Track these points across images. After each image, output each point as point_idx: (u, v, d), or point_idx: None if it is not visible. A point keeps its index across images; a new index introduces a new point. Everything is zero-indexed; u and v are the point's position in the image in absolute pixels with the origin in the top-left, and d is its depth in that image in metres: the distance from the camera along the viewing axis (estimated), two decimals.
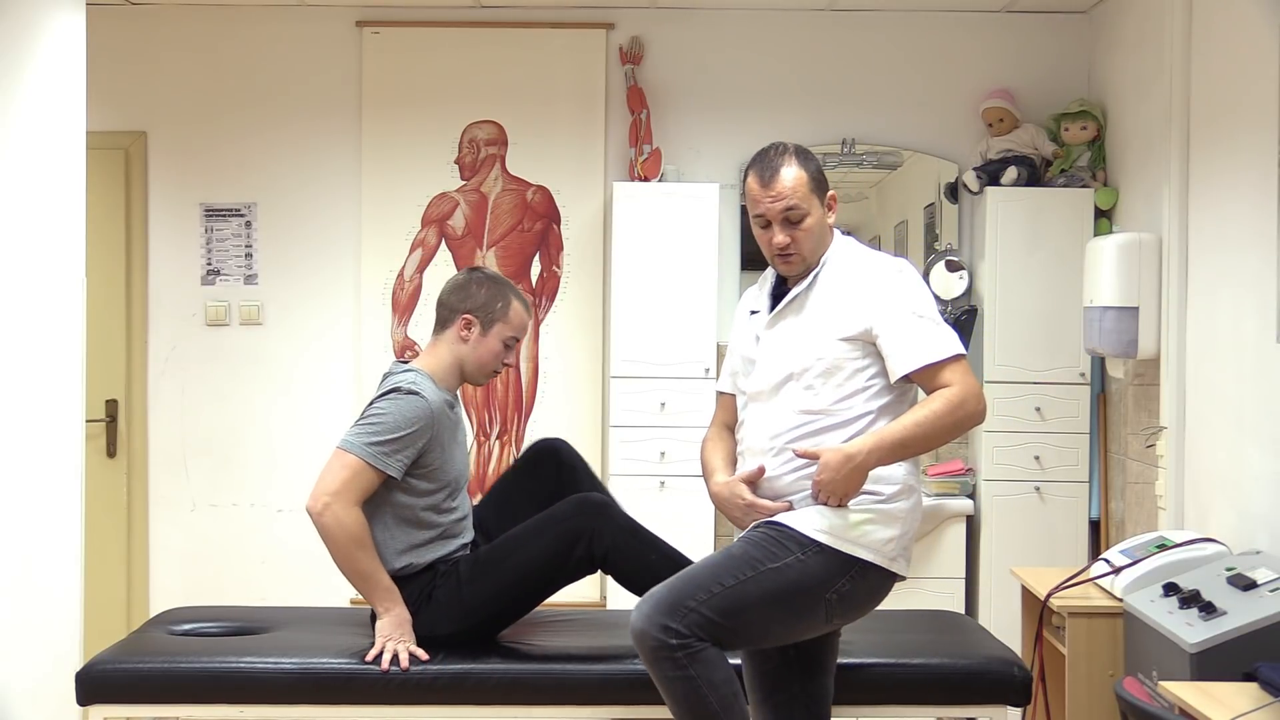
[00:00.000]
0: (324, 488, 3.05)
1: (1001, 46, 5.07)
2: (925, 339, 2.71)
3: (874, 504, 2.73)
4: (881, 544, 2.74)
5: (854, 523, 2.71)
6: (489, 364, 3.29)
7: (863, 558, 2.72)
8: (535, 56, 5.09)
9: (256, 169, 5.15)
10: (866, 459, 2.67)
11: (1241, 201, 3.61)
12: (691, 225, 4.80)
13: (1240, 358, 3.60)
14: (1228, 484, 3.67)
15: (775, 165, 2.78)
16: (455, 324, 3.26)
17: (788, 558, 2.70)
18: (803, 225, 2.77)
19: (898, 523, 2.76)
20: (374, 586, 3.11)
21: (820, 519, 2.71)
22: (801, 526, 2.72)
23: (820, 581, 2.71)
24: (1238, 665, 2.79)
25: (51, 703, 3.56)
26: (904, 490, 2.77)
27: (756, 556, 2.71)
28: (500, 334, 3.27)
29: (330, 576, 5.10)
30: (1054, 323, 4.73)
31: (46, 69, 3.67)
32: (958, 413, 2.68)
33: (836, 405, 2.74)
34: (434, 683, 3.01)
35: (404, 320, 5.14)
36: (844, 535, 2.71)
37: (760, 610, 2.69)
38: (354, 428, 3.12)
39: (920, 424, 2.68)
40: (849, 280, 2.79)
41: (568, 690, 3.02)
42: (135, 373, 5.16)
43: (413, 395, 3.11)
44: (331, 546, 3.08)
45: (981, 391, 2.74)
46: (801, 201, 2.76)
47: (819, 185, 2.81)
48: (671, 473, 4.81)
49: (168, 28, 5.13)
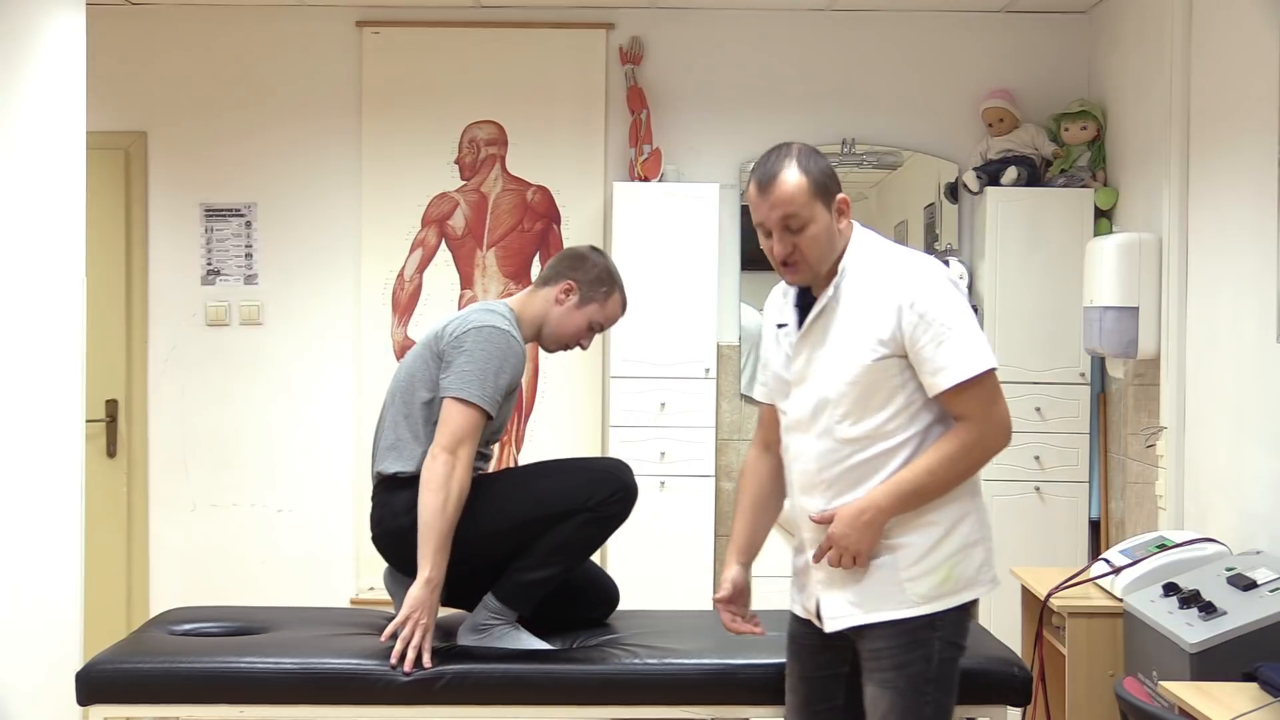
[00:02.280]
0: (454, 442, 2.99)
1: (1001, 46, 5.07)
2: (951, 356, 2.50)
3: (934, 546, 2.58)
4: (970, 579, 2.61)
5: (942, 578, 2.57)
6: (568, 336, 3.26)
7: (961, 604, 2.60)
8: (535, 56, 5.09)
9: (256, 169, 5.15)
10: (878, 515, 2.53)
11: (1241, 201, 3.61)
12: (691, 225, 4.80)
13: (1240, 358, 3.61)
14: (1228, 484, 3.67)
15: (774, 170, 2.60)
16: (558, 284, 3.23)
17: (930, 664, 2.56)
18: (805, 234, 2.56)
19: (975, 551, 2.62)
20: (437, 545, 2.97)
21: (914, 587, 2.57)
22: (876, 614, 2.57)
23: (961, 646, 2.62)
24: (1238, 665, 2.79)
25: (51, 703, 3.56)
26: (957, 520, 2.60)
27: (904, 688, 2.56)
28: (591, 314, 3.24)
29: (330, 577, 5.17)
30: (1054, 323, 4.74)
31: (46, 69, 3.67)
32: (974, 453, 2.53)
33: (879, 430, 2.56)
34: (434, 683, 3.00)
35: (404, 320, 5.14)
36: (937, 592, 2.58)
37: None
38: (461, 374, 3.03)
39: (934, 471, 2.52)
40: (873, 292, 2.57)
41: (568, 690, 3.02)
42: (135, 373, 5.16)
43: (512, 338, 3.09)
44: (434, 494, 2.97)
45: (1003, 417, 2.55)
46: (801, 209, 2.56)
47: (823, 190, 2.59)
48: (671, 473, 4.81)
49: (168, 28, 5.13)
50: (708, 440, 4.85)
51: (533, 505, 3.10)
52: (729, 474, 5.09)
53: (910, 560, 2.56)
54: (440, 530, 2.96)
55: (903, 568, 2.56)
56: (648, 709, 3.05)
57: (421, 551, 2.97)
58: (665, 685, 3.02)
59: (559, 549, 3.09)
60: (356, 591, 5.10)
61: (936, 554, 2.57)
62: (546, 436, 5.14)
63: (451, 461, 2.97)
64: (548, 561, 3.09)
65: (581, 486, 3.12)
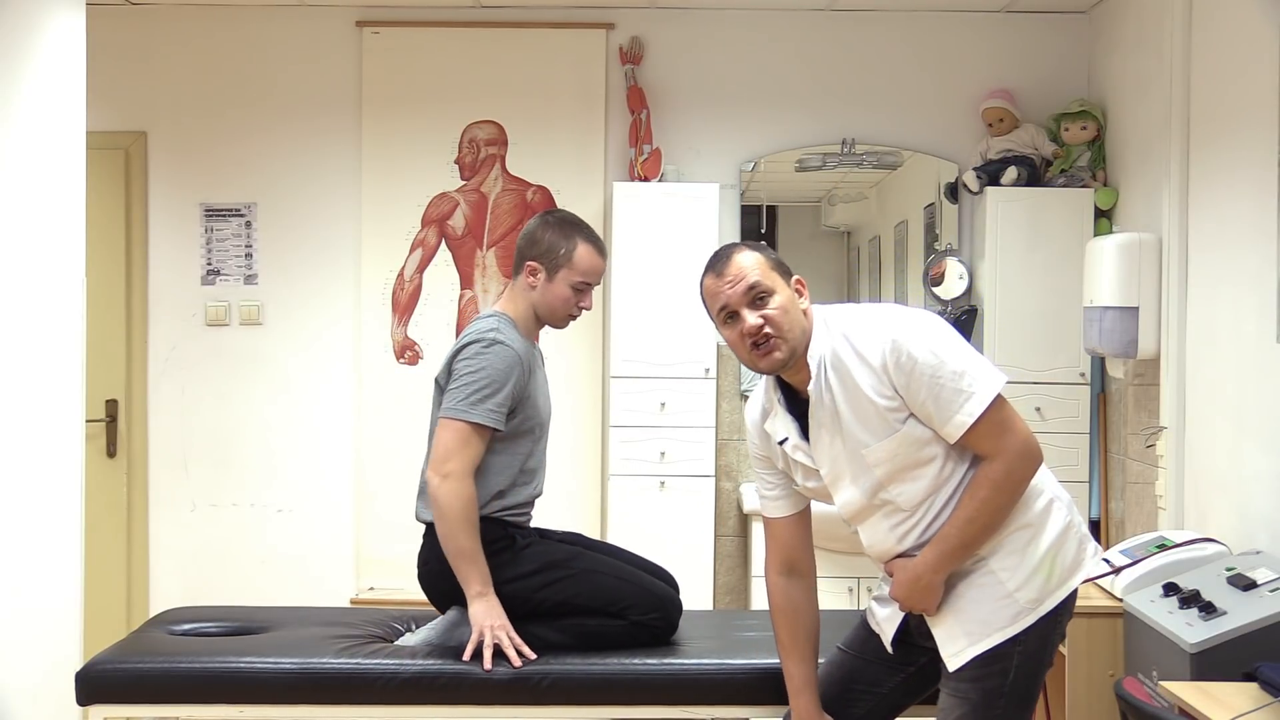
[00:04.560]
0: (439, 461, 3.00)
1: (1001, 46, 5.07)
2: (951, 404, 2.46)
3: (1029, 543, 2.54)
4: (1073, 563, 2.56)
5: (1043, 577, 2.52)
6: (560, 310, 3.21)
7: (1071, 591, 2.56)
8: (535, 56, 5.09)
9: (256, 169, 5.15)
10: (933, 578, 2.51)
11: (1241, 201, 3.61)
12: (691, 225, 4.80)
13: (1240, 358, 3.61)
14: (1228, 484, 3.67)
15: (727, 254, 2.60)
16: (523, 271, 3.20)
17: (1006, 679, 2.52)
18: (771, 303, 2.53)
19: (1070, 535, 2.56)
20: (473, 566, 3.01)
21: (1024, 594, 2.52)
22: (994, 636, 2.51)
23: (1043, 658, 2.57)
24: (1238, 665, 2.79)
25: (51, 703, 3.56)
26: (1042, 514, 2.56)
27: (977, 701, 2.53)
28: (566, 279, 3.18)
29: (330, 577, 5.17)
30: (1054, 323, 4.74)
31: (46, 69, 3.67)
32: (1006, 486, 2.47)
33: (937, 480, 2.52)
34: (434, 683, 3.00)
35: (404, 320, 5.14)
36: (1046, 591, 2.53)
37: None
38: (450, 392, 3.05)
39: (973, 519, 2.47)
40: (857, 364, 2.51)
41: (568, 690, 3.02)
42: (135, 373, 5.16)
43: (496, 344, 3.06)
44: (441, 521, 3.01)
45: (1024, 440, 2.48)
46: (763, 279, 2.54)
47: (779, 265, 2.59)
48: (671, 473, 4.81)
49: (168, 28, 5.13)
50: (708, 440, 4.85)
51: (586, 597, 3.13)
52: (729, 474, 5.09)
53: (1012, 572, 2.52)
54: (455, 549, 3.01)
55: (1008, 582, 2.53)
56: (648, 709, 3.05)
57: (458, 575, 3.03)
58: (665, 685, 3.02)
59: (576, 630, 3.12)
60: (356, 591, 5.10)
61: (1034, 554, 2.53)
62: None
63: (438, 481, 3.00)
64: (562, 630, 3.12)
65: (628, 595, 3.13)
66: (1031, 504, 2.54)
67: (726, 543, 5.08)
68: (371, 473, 5.09)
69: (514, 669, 3.00)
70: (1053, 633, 2.57)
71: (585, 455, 5.11)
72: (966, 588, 2.54)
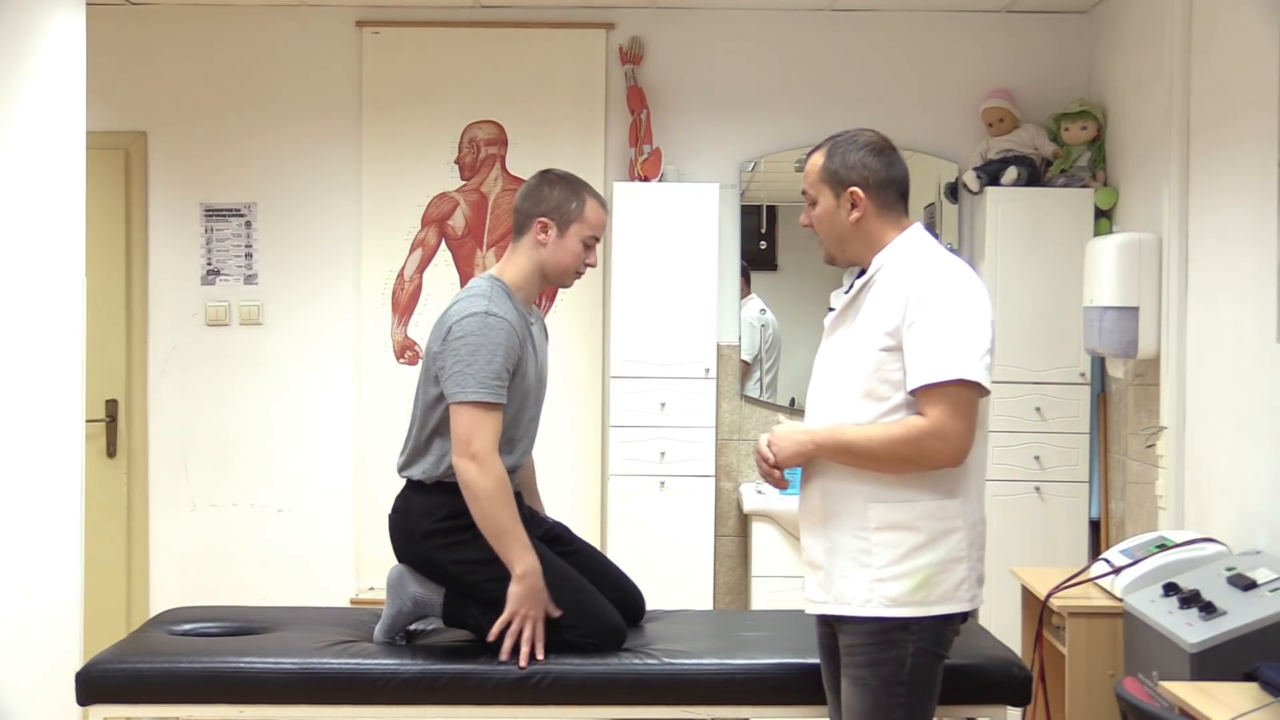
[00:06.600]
0: (463, 444, 3.00)
1: (1001, 46, 5.07)
2: (932, 356, 2.51)
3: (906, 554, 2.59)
4: (942, 594, 2.60)
5: (914, 586, 2.57)
6: (570, 265, 3.21)
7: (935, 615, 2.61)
8: (535, 56, 5.09)
9: (256, 169, 5.15)
10: (809, 442, 2.63)
11: (1241, 202, 3.61)
12: (691, 225, 4.81)
13: (1240, 358, 3.60)
14: (1228, 484, 3.67)
15: (810, 152, 2.78)
16: (531, 229, 3.18)
17: (903, 667, 2.58)
18: (814, 210, 2.73)
19: (955, 569, 2.61)
20: (512, 542, 3.01)
21: (884, 589, 2.58)
22: (848, 609, 2.61)
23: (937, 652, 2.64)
24: (1238, 665, 2.79)
25: (51, 703, 3.56)
26: (943, 532, 2.60)
27: (875, 686, 2.59)
28: (579, 234, 3.19)
29: (330, 577, 5.17)
30: (1054, 323, 4.73)
31: (46, 69, 3.67)
32: (910, 448, 2.52)
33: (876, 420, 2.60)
34: (434, 683, 3.00)
35: (404, 320, 5.14)
36: (908, 598, 2.59)
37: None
38: (452, 376, 3.03)
39: (872, 439, 2.56)
40: (894, 286, 2.61)
41: (568, 690, 3.02)
42: (135, 373, 5.16)
43: (490, 317, 3.04)
44: (475, 503, 3.00)
45: (961, 434, 2.52)
46: (809, 187, 2.73)
47: (832, 177, 2.69)
48: (671, 473, 4.81)
49: (168, 28, 5.13)
50: (708, 440, 4.85)
51: None
52: (729, 474, 5.09)
53: (885, 561, 2.58)
54: (496, 530, 3.01)
55: (875, 567, 2.58)
56: (648, 709, 3.05)
57: (502, 555, 3.02)
58: (665, 685, 3.02)
59: None
60: (356, 591, 5.10)
61: (913, 560, 2.58)
62: (546, 436, 5.08)
63: (465, 464, 3.01)
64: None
65: (570, 613, 3.10)
66: (938, 516, 2.59)
67: (726, 543, 5.08)
68: (371, 473, 5.08)
69: (514, 669, 3.00)
70: (945, 635, 2.63)
71: (585, 455, 5.11)
72: (846, 556, 2.61)
